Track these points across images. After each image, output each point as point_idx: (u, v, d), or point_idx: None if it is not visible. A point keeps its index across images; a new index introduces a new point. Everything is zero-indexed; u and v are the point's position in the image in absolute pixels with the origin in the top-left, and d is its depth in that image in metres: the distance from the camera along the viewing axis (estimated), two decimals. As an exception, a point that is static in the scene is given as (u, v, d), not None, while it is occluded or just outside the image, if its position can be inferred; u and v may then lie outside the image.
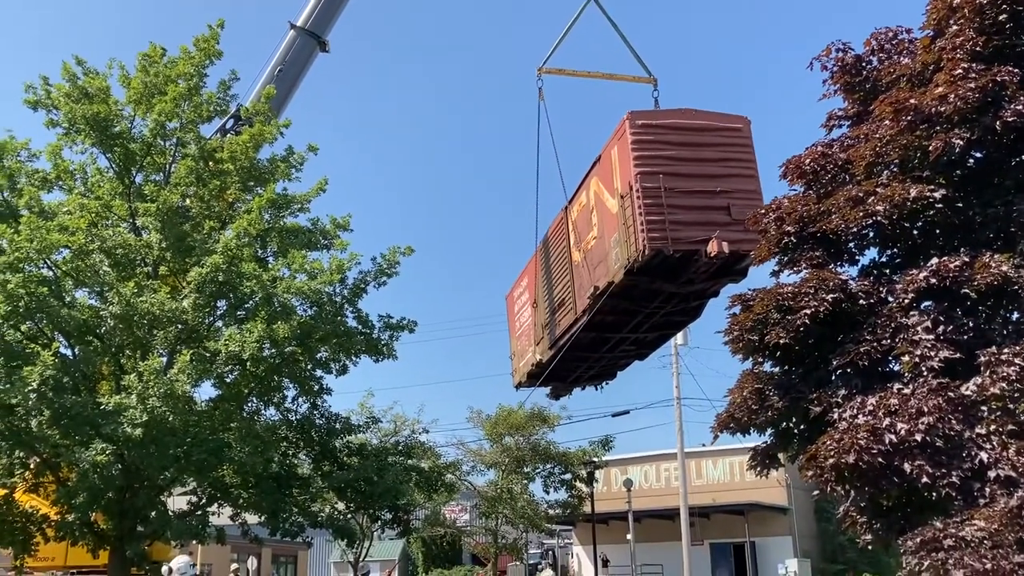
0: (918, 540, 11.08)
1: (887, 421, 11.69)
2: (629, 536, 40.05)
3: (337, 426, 20.74)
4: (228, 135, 21.56)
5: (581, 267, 15.18)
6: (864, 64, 16.06)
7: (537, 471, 41.32)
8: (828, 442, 12.08)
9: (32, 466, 18.27)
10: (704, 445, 44.69)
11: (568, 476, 40.96)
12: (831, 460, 11.90)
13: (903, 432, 11.44)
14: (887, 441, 11.52)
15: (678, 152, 13.26)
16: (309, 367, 19.28)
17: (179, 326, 17.33)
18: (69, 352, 18.19)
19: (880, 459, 11.48)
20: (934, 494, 11.40)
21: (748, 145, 13.62)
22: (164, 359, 17.68)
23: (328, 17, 25.88)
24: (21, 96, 19.20)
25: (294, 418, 20.23)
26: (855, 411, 12.28)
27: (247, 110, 21.20)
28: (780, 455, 15.37)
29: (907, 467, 11.38)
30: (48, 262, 17.79)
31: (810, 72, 16.77)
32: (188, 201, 19.28)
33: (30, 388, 15.40)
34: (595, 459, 39.65)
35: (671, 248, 12.70)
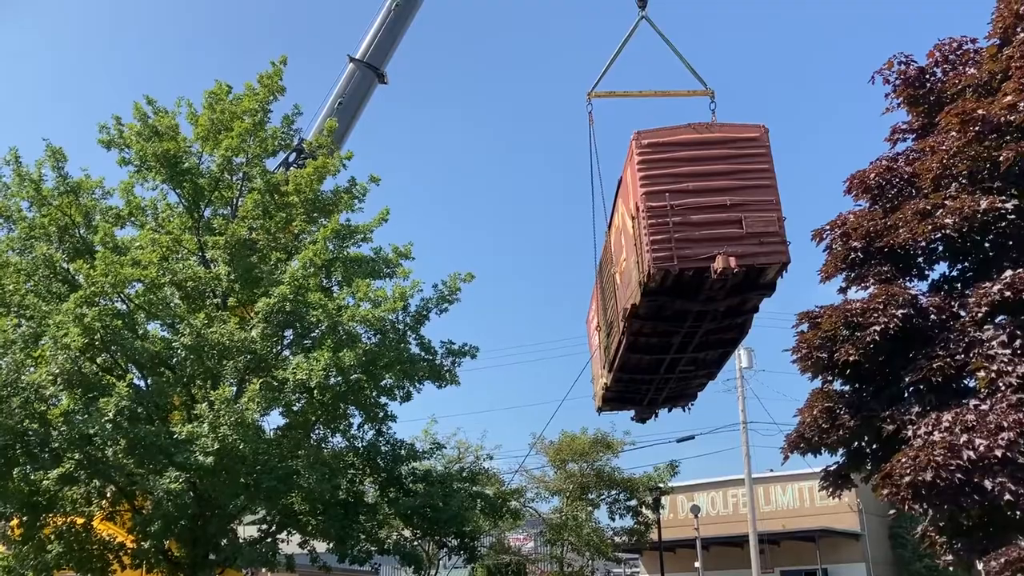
0: (1003, 560, 10.78)
1: (965, 437, 11.43)
2: (697, 564, 39.41)
3: (402, 452, 20.82)
4: (291, 168, 22.03)
5: (619, 289, 15.19)
6: (927, 76, 15.85)
7: (602, 497, 40.91)
8: (903, 459, 11.84)
9: (109, 495, 18.71)
10: (772, 470, 43.91)
11: (633, 502, 40.48)
12: (907, 478, 11.66)
13: (982, 448, 11.16)
14: (965, 458, 11.26)
15: (687, 168, 13.11)
16: (374, 394, 19.43)
17: (248, 356, 17.64)
18: (142, 383, 18.63)
19: (959, 476, 11.21)
20: (1018, 512, 11.07)
21: (765, 154, 13.30)
22: (234, 388, 18.00)
23: (386, 49, 26.44)
24: (95, 136, 19.90)
25: (360, 445, 20.37)
26: (930, 428, 12.02)
27: (310, 144, 21.65)
28: (853, 475, 15.07)
29: (987, 484, 11.08)
30: (122, 296, 18.30)
31: (871, 86, 16.62)
32: (255, 234, 19.69)
33: (106, 418, 15.80)
34: (661, 485, 39.13)
35: (677, 267, 12.58)
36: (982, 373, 12.24)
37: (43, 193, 19.26)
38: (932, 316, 13.51)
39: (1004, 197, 13.26)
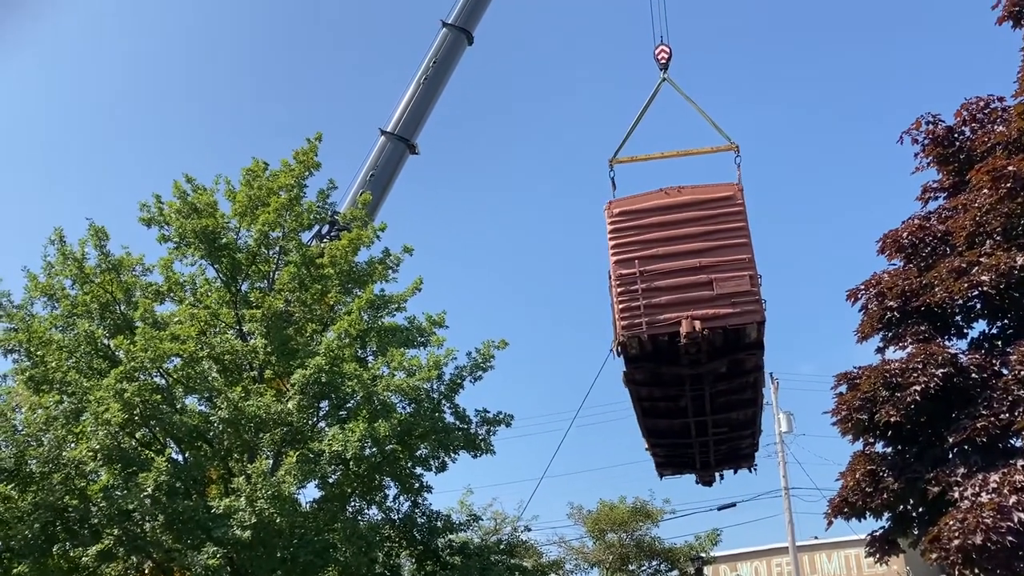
0: (1060, 627, 10.40)
1: (1014, 499, 11.18)
2: (743, 636, 38.31)
3: (439, 524, 20.60)
4: (324, 239, 22.40)
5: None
6: (956, 135, 15.90)
7: (642, 568, 40.10)
8: (951, 522, 11.58)
9: (146, 570, 18.65)
10: (816, 537, 42.81)
11: (675, 573, 39.64)
12: (956, 541, 11.38)
13: (1033, 510, 10.90)
14: (1016, 520, 10.99)
15: (657, 233, 13.06)
16: (409, 465, 19.37)
17: (284, 428, 17.71)
18: (180, 457, 18.73)
19: (1010, 539, 10.94)
20: (1073, 576, 10.74)
21: (739, 213, 13.18)
22: (270, 461, 18.03)
23: (416, 121, 27.01)
24: (136, 215, 20.37)
25: (396, 517, 20.22)
26: (978, 489, 11.78)
27: (344, 216, 22.07)
28: (899, 540, 14.73)
29: (1040, 547, 10.79)
30: (161, 370, 18.52)
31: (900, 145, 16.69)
32: (291, 306, 19.94)
33: (145, 493, 15.90)
34: (702, 554, 38.31)
35: (646, 333, 12.50)
36: (1028, 432, 12.01)
37: (86, 271, 19.68)
38: (973, 375, 13.33)
39: (1041, 253, 13.17)
